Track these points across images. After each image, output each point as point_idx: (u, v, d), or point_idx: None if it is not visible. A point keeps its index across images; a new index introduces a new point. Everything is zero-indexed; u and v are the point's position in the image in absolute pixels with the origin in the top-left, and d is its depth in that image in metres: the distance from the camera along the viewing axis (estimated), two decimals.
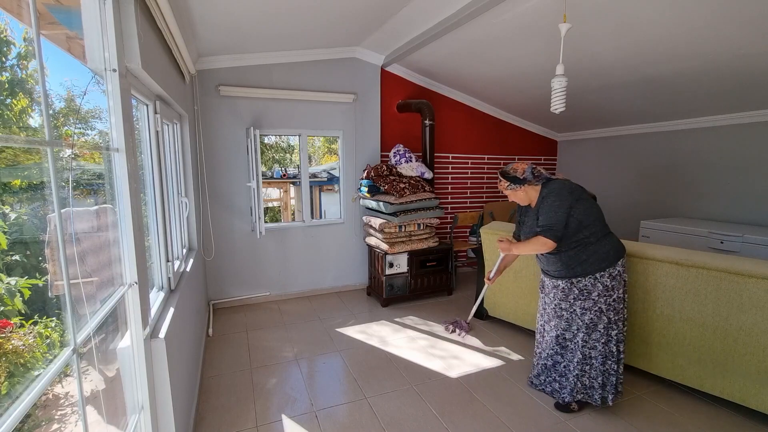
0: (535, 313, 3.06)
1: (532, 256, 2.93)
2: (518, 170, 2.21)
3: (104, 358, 1.61)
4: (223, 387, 2.53)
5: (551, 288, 2.28)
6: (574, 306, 2.17)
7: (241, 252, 3.95)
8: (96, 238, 1.59)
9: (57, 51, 1.33)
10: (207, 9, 2.51)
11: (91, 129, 1.60)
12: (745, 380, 2.12)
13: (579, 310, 2.16)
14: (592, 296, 2.12)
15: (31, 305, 1.32)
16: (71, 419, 1.54)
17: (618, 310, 2.14)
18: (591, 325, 2.14)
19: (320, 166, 10.00)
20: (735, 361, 2.14)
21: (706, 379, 2.27)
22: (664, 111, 3.96)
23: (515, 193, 2.22)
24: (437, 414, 2.25)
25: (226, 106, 3.71)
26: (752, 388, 2.10)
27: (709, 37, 2.52)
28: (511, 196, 2.25)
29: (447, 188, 5.02)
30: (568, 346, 2.24)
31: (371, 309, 3.88)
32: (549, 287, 2.31)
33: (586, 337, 2.16)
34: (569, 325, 2.21)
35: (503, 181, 2.24)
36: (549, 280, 2.30)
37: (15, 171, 1.36)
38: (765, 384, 2.06)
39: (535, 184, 2.19)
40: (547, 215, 2.08)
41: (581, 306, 2.15)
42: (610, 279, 2.10)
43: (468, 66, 3.89)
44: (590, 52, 3.02)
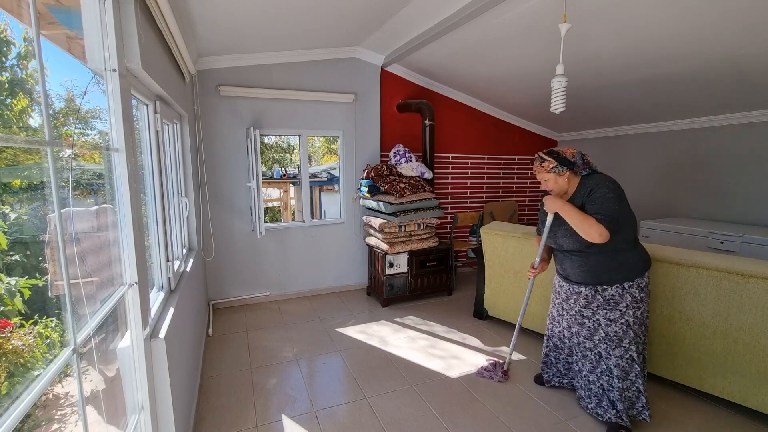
0: (537, 312, 3.07)
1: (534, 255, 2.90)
2: (567, 153, 1.99)
3: (104, 358, 1.61)
4: (223, 387, 2.53)
5: (571, 294, 2.11)
6: (597, 315, 2.01)
7: (241, 252, 3.95)
8: (96, 238, 1.59)
9: (57, 51, 1.33)
10: (207, 9, 2.51)
11: (91, 129, 1.60)
12: (745, 380, 2.12)
13: (603, 320, 2.00)
14: (619, 307, 1.96)
15: (31, 305, 1.32)
16: (71, 419, 1.54)
17: (645, 324, 2.03)
18: (616, 339, 1.98)
19: (320, 166, 10.00)
20: (735, 361, 2.14)
21: (706, 379, 2.27)
22: (663, 111, 3.96)
23: (557, 178, 1.97)
24: (437, 414, 2.25)
25: (226, 106, 3.71)
26: (752, 388, 2.10)
27: (709, 37, 2.52)
28: (549, 182, 2.00)
29: (447, 188, 5.02)
30: (588, 356, 2.11)
31: (371, 309, 3.88)
32: (568, 293, 2.13)
33: (609, 351, 2.00)
34: (591, 334, 2.06)
35: (548, 161, 1.97)
36: (568, 285, 2.11)
37: (15, 171, 1.36)
38: (765, 384, 2.06)
39: (579, 173, 2.01)
40: (606, 205, 1.86)
41: (606, 316, 1.99)
42: (638, 290, 1.95)
43: (468, 66, 3.89)
44: (590, 52, 3.02)
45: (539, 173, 2.04)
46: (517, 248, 3.12)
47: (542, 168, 2.02)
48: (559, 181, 1.99)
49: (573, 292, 2.10)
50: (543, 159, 2.01)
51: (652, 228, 3.87)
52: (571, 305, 2.13)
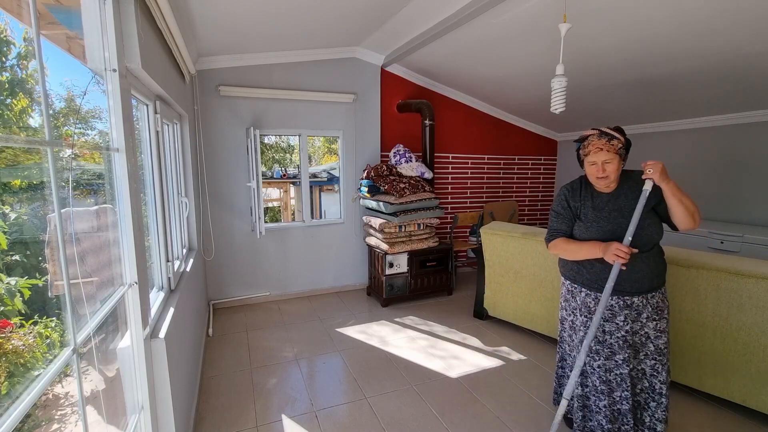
0: (537, 312, 3.07)
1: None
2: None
3: (104, 358, 1.61)
4: (223, 387, 2.53)
5: (620, 309, 1.72)
6: (645, 327, 1.72)
7: (241, 252, 3.95)
8: (96, 238, 1.59)
9: (57, 51, 1.33)
10: (207, 9, 2.51)
11: (91, 129, 1.60)
12: (745, 380, 2.12)
13: (653, 333, 1.72)
14: (664, 314, 1.74)
15: (31, 305, 1.32)
16: (71, 419, 1.54)
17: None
18: (665, 350, 1.73)
19: (320, 166, 10.01)
20: (735, 361, 2.14)
21: (706, 379, 2.27)
22: (663, 111, 3.95)
23: (620, 162, 1.68)
24: (437, 414, 2.25)
25: (226, 106, 3.71)
26: (752, 388, 2.10)
27: (709, 37, 2.52)
28: (611, 165, 1.66)
29: (447, 188, 5.02)
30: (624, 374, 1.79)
31: (371, 309, 3.88)
32: (615, 309, 1.73)
33: (658, 367, 1.74)
34: (636, 351, 1.76)
35: (617, 140, 1.64)
36: (619, 299, 1.72)
37: (15, 171, 1.36)
38: (765, 384, 2.06)
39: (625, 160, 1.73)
40: None
41: (655, 327, 1.71)
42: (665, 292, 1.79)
43: (468, 66, 3.89)
44: (590, 52, 3.02)
45: (599, 152, 1.65)
46: (517, 248, 3.13)
47: (610, 147, 1.63)
48: (619, 166, 1.67)
49: (623, 306, 1.71)
50: (611, 136, 1.64)
51: None
52: (618, 325, 1.72)
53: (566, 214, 1.84)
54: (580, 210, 1.80)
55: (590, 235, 1.75)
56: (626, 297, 1.71)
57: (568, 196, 1.85)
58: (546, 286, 2.97)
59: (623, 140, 1.67)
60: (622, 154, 1.68)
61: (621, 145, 1.66)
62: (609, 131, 1.67)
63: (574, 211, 1.82)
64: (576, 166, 5.42)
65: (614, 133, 1.66)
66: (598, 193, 1.79)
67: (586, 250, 1.72)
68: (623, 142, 1.67)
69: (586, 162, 1.74)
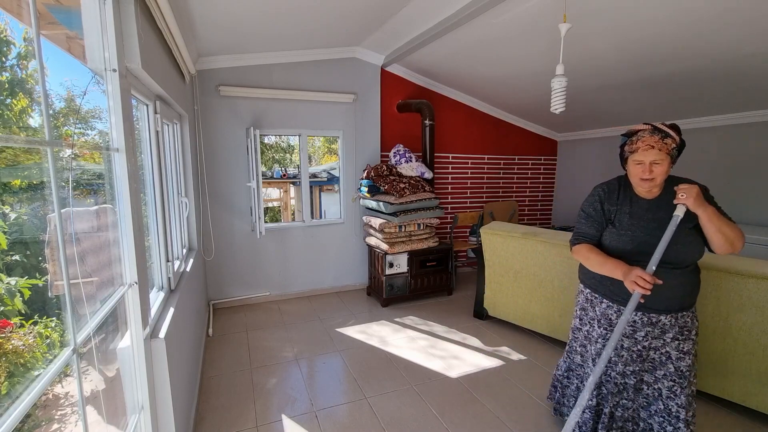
0: (537, 312, 3.07)
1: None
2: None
3: (104, 358, 1.61)
4: (223, 387, 2.53)
5: (643, 325, 1.61)
6: (667, 347, 1.61)
7: (241, 252, 3.95)
8: (96, 238, 1.59)
9: (57, 51, 1.33)
10: (207, 9, 2.51)
11: (91, 129, 1.60)
12: (745, 380, 2.12)
13: (675, 353, 1.60)
14: (691, 336, 1.60)
15: (31, 305, 1.32)
16: (71, 419, 1.54)
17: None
18: (688, 374, 1.61)
19: (320, 166, 10.01)
20: (735, 361, 2.14)
21: (706, 379, 2.26)
22: (663, 111, 3.95)
23: (668, 165, 1.48)
24: (437, 414, 2.25)
25: (226, 106, 3.71)
26: (752, 388, 2.10)
27: (709, 37, 2.52)
28: (661, 167, 1.46)
29: (447, 188, 5.02)
30: (642, 390, 1.70)
31: (371, 309, 3.88)
32: (636, 325, 1.62)
33: (678, 390, 1.61)
34: (654, 367, 1.65)
35: (671, 139, 1.45)
36: (643, 315, 1.60)
37: (15, 171, 1.36)
38: (765, 384, 2.06)
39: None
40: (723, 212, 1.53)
41: (678, 348, 1.59)
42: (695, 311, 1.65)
43: (468, 66, 3.89)
44: (590, 52, 3.02)
45: (649, 150, 1.45)
46: (517, 248, 3.13)
47: (662, 146, 1.44)
48: (668, 170, 1.49)
49: (646, 323, 1.60)
50: (666, 134, 1.44)
51: None
52: (637, 340, 1.63)
53: (597, 217, 1.67)
54: (615, 215, 1.62)
55: (621, 244, 1.58)
56: (652, 315, 1.57)
57: (603, 197, 1.67)
58: (546, 286, 2.97)
59: (678, 140, 1.46)
60: (673, 156, 1.48)
61: (675, 145, 1.46)
62: (664, 128, 1.45)
63: (607, 215, 1.65)
64: (576, 166, 5.42)
65: (669, 130, 1.45)
66: (637, 197, 1.60)
67: (609, 267, 1.56)
68: (678, 142, 1.46)
69: (631, 160, 1.54)
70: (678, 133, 1.47)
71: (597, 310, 1.73)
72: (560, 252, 2.85)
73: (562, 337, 2.96)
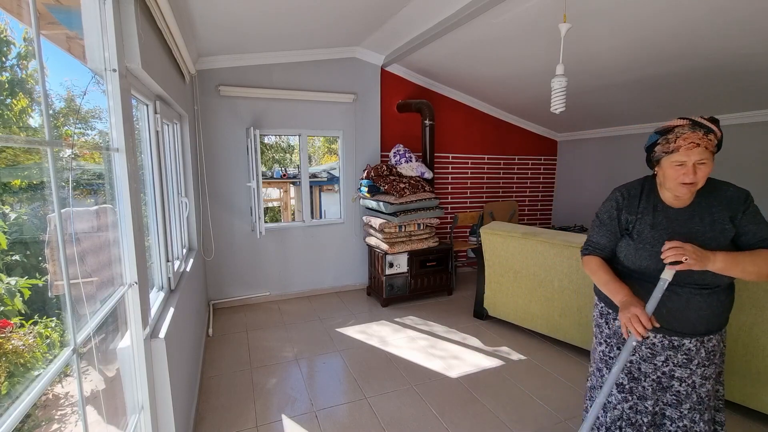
0: (537, 312, 3.07)
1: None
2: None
3: (104, 358, 1.61)
4: (223, 387, 2.53)
5: (663, 348, 1.40)
6: (693, 376, 1.39)
7: (241, 252, 3.95)
8: (96, 238, 1.59)
9: (57, 51, 1.34)
10: (207, 9, 2.51)
11: (91, 129, 1.60)
12: (745, 380, 2.12)
13: (699, 380, 1.39)
14: (715, 360, 1.40)
15: (31, 305, 1.32)
16: (71, 419, 1.54)
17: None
18: (706, 399, 1.41)
19: (320, 166, 10.01)
20: (735, 361, 2.14)
21: None
22: (663, 111, 3.95)
23: (711, 165, 1.25)
24: (437, 414, 2.25)
25: (226, 106, 3.71)
26: (752, 388, 2.10)
27: (709, 37, 2.52)
28: (705, 168, 1.24)
29: (447, 188, 5.02)
30: (665, 426, 1.47)
31: (371, 309, 3.88)
32: (657, 348, 1.41)
33: (697, 417, 1.41)
34: (679, 401, 1.42)
35: (714, 134, 1.22)
36: (663, 338, 1.39)
37: (15, 171, 1.36)
38: (765, 384, 2.06)
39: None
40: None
41: (702, 375, 1.38)
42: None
43: (468, 66, 3.89)
44: (590, 52, 3.02)
45: (693, 149, 1.22)
46: (517, 248, 3.13)
47: (708, 142, 1.21)
48: (711, 166, 1.25)
49: (667, 347, 1.39)
50: (708, 128, 1.22)
51: None
52: (657, 365, 1.42)
53: (611, 226, 1.46)
54: (634, 225, 1.40)
55: (639, 260, 1.37)
56: (674, 338, 1.34)
57: (622, 204, 1.44)
58: (546, 286, 2.97)
59: (720, 135, 1.24)
60: (714, 153, 1.25)
61: (717, 141, 1.24)
62: (705, 122, 1.23)
63: (623, 225, 1.44)
64: (576, 166, 5.41)
65: (711, 124, 1.23)
66: (663, 206, 1.36)
67: (611, 288, 1.40)
68: (719, 137, 1.24)
69: (668, 161, 1.28)
70: (719, 127, 1.24)
71: (611, 327, 1.55)
72: (560, 252, 2.85)
73: (561, 337, 2.97)
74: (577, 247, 2.73)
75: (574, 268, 2.78)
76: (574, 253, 2.77)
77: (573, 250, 2.77)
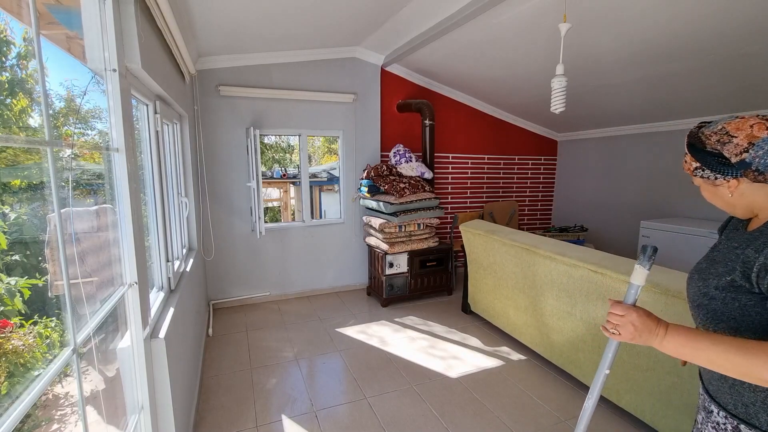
0: (498, 307, 3.06)
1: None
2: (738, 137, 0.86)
3: (104, 358, 1.61)
4: (223, 387, 2.53)
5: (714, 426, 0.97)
6: None
7: (241, 252, 3.95)
8: (96, 238, 1.59)
9: (57, 51, 1.33)
10: (207, 9, 2.51)
11: (91, 129, 1.60)
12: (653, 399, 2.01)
13: None
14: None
15: (31, 305, 1.32)
16: (71, 419, 1.54)
17: None
18: None
19: (320, 166, 10.00)
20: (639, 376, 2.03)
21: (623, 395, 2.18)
22: (664, 111, 3.95)
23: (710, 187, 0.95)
24: (437, 414, 2.25)
25: (226, 106, 3.71)
26: (660, 408, 1.98)
27: (709, 37, 2.52)
28: (706, 193, 0.98)
29: (447, 188, 5.02)
30: None
31: (371, 309, 3.88)
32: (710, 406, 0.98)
33: None
34: None
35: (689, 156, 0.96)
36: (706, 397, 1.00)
37: (15, 171, 1.36)
38: (668, 404, 1.91)
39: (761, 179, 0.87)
40: None
41: None
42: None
43: (468, 66, 3.89)
44: (590, 51, 3.02)
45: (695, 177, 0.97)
46: (481, 245, 3.25)
47: (686, 167, 0.98)
48: (718, 193, 0.94)
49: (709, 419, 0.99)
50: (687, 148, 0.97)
51: (652, 228, 3.87)
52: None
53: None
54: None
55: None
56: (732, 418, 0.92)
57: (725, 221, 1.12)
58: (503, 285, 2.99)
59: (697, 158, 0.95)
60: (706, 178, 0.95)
61: (696, 165, 0.96)
62: (688, 137, 0.98)
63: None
64: (576, 166, 5.41)
65: (691, 140, 0.97)
66: (737, 222, 1.04)
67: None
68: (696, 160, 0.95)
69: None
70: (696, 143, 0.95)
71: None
72: (509, 251, 2.89)
73: (518, 336, 3.00)
74: (522, 247, 2.72)
75: (525, 267, 2.75)
76: (519, 252, 2.76)
77: (518, 249, 2.78)
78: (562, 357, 2.56)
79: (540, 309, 2.67)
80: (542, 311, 2.65)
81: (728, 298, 0.88)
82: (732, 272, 0.88)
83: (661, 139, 4.34)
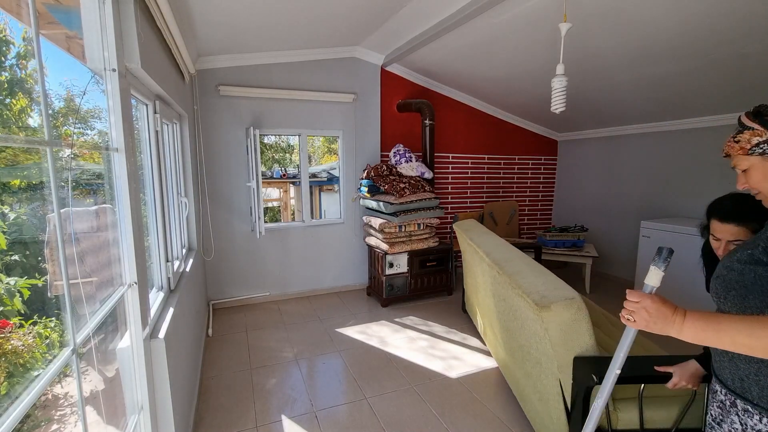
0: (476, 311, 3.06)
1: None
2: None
3: (104, 358, 1.61)
4: (223, 387, 2.53)
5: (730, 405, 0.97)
6: None
7: (241, 252, 3.95)
8: (95, 238, 1.59)
9: (56, 51, 1.33)
10: (207, 8, 2.51)
11: (91, 129, 1.60)
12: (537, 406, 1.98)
13: None
14: None
15: (30, 305, 1.32)
16: (71, 419, 1.54)
17: None
18: None
19: (320, 166, 10.00)
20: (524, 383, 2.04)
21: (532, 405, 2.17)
22: (664, 111, 3.95)
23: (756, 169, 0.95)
24: (437, 414, 2.25)
25: (226, 106, 3.71)
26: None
27: (709, 37, 2.52)
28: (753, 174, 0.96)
29: (447, 188, 5.02)
30: None
31: (371, 309, 3.88)
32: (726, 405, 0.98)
33: None
34: None
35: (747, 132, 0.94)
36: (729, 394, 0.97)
37: (15, 171, 1.36)
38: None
39: None
40: None
41: None
42: None
43: (468, 66, 3.89)
44: (591, 51, 3.02)
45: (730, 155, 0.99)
46: (464, 244, 3.20)
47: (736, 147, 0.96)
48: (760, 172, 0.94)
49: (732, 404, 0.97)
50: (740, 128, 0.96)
51: (652, 228, 3.87)
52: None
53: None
54: None
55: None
56: (730, 394, 0.97)
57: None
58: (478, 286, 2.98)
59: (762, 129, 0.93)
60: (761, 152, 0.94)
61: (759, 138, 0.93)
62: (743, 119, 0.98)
63: None
64: (576, 166, 5.41)
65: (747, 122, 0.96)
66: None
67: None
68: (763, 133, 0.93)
69: None
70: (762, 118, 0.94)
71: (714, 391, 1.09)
72: (475, 252, 2.77)
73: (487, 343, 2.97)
74: (474, 248, 2.68)
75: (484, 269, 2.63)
76: (475, 253, 2.71)
77: (474, 249, 2.72)
78: (506, 370, 2.44)
79: (492, 317, 2.53)
80: (492, 319, 2.53)
81: (746, 269, 0.90)
82: (755, 247, 0.91)
83: (661, 138, 4.34)
